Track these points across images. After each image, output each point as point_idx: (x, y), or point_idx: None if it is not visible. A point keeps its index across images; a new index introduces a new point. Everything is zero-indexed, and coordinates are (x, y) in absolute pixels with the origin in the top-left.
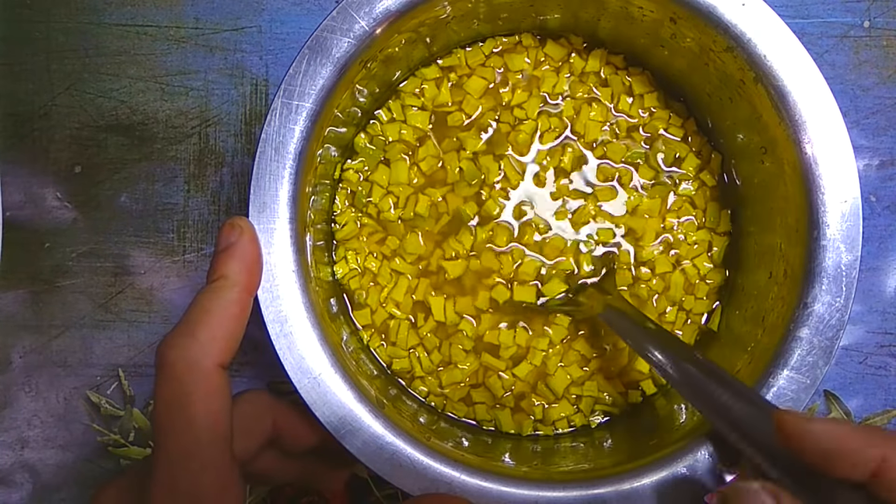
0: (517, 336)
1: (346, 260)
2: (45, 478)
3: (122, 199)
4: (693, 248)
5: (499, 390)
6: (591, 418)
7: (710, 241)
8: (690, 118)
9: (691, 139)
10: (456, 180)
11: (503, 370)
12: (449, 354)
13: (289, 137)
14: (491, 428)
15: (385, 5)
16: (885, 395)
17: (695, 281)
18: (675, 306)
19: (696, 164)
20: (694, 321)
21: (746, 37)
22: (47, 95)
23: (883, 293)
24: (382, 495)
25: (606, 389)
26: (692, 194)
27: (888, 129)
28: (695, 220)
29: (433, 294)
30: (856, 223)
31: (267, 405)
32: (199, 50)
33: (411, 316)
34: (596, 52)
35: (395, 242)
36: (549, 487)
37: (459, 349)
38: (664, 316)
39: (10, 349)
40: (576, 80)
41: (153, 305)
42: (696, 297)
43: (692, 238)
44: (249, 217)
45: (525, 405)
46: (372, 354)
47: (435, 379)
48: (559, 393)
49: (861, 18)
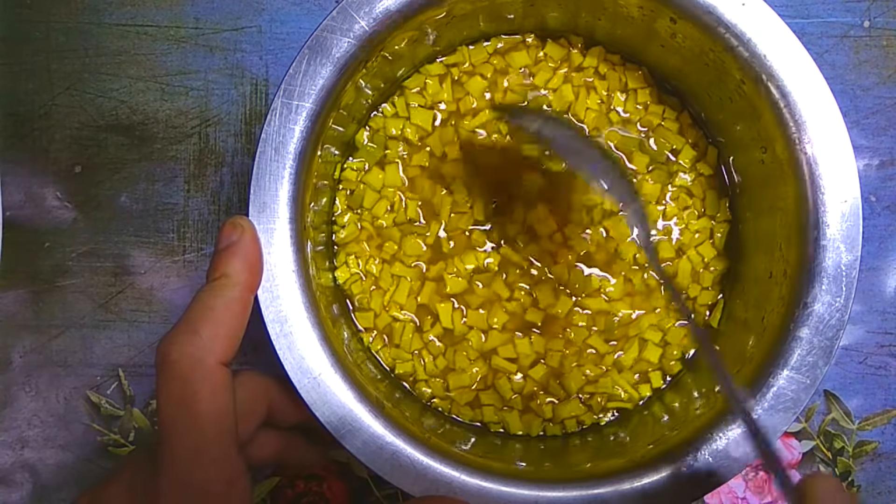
0: (534, 343)
1: (346, 265)
2: (45, 478)
3: (122, 199)
4: (695, 236)
5: (508, 392)
6: (600, 416)
7: (712, 229)
8: (685, 112)
9: (686, 132)
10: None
11: (514, 372)
12: (454, 360)
13: (289, 137)
14: (500, 430)
15: (385, 5)
16: (885, 395)
17: (700, 269)
18: (682, 294)
19: (692, 155)
20: (699, 312)
21: (746, 37)
22: (47, 95)
23: (883, 293)
24: (382, 495)
25: (619, 384)
26: (689, 185)
27: (888, 129)
28: (694, 209)
29: (440, 300)
30: (856, 223)
31: (262, 387)
32: (199, 50)
33: (416, 319)
34: (594, 50)
35: (393, 247)
36: (549, 487)
37: (464, 356)
38: (671, 305)
39: (10, 349)
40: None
41: (153, 305)
42: (702, 286)
43: (694, 227)
44: (249, 217)
45: (534, 405)
46: (375, 358)
47: (440, 382)
48: (572, 392)
49: (861, 18)
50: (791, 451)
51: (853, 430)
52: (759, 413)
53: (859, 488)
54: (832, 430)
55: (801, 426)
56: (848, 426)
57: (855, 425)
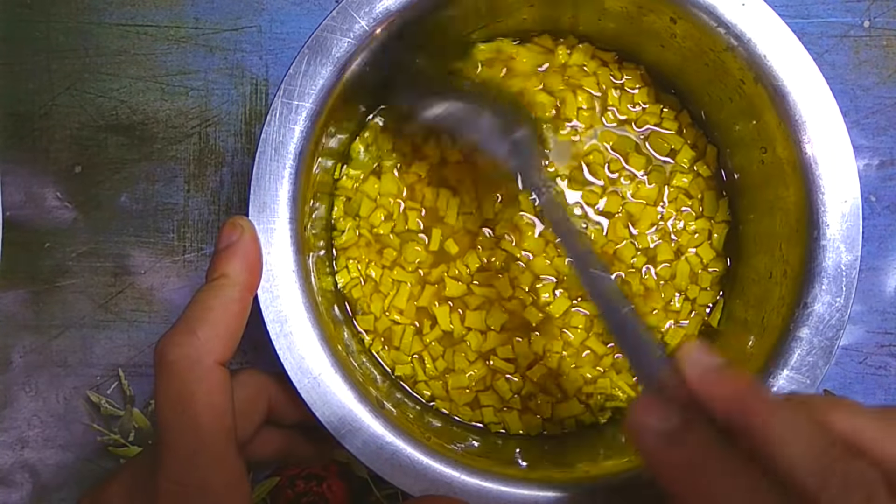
0: (533, 344)
1: (347, 269)
2: (45, 478)
3: (122, 199)
4: (694, 237)
5: (507, 392)
6: (599, 416)
7: (710, 230)
8: (684, 111)
9: (685, 132)
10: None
11: (513, 373)
12: (453, 361)
13: (289, 137)
14: (500, 430)
15: (385, 5)
16: (885, 395)
17: (698, 270)
18: (681, 295)
19: (690, 155)
20: (699, 312)
21: (746, 37)
22: (47, 95)
23: (883, 293)
24: (382, 495)
25: (618, 385)
26: (686, 186)
27: (888, 129)
28: (692, 210)
29: (437, 305)
30: (856, 223)
31: (262, 386)
32: (199, 50)
33: (416, 322)
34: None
35: (392, 254)
36: (549, 487)
37: (463, 357)
38: (670, 305)
39: (10, 349)
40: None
41: (153, 305)
42: (701, 286)
43: (692, 228)
44: (249, 217)
45: (533, 405)
46: (375, 359)
47: (440, 383)
48: (570, 393)
49: (861, 18)
50: None
51: None
52: None
53: None
54: None
55: None
56: None
57: None
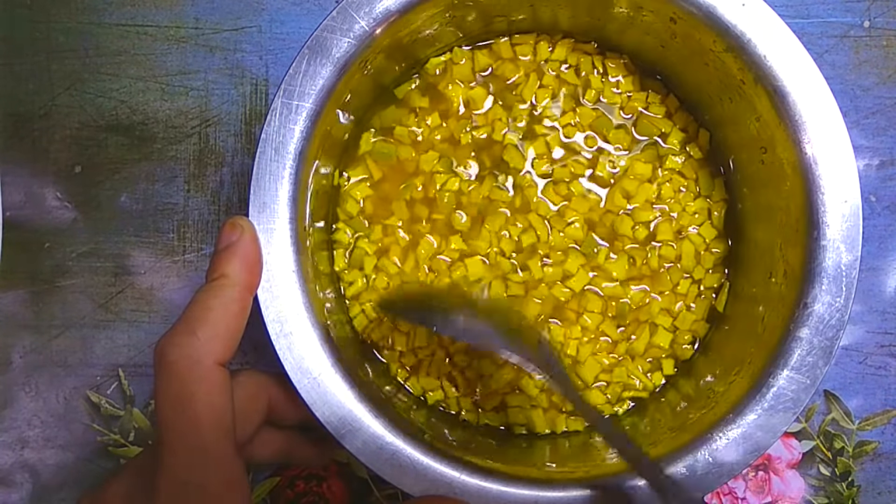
0: (552, 333)
1: (363, 313)
2: (45, 478)
3: (122, 199)
4: (694, 217)
5: (533, 390)
6: (617, 407)
7: (709, 209)
8: (670, 95)
9: (674, 116)
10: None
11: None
12: (480, 367)
13: (289, 137)
14: (523, 432)
15: (385, 5)
16: (885, 395)
17: (702, 250)
18: (688, 278)
19: (681, 137)
20: (706, 296)
21: (746, 37)
22: (47, 95)
23: (883, 293)
24: (382, 495)
25: (634, 373)
26: (680, 167)
27: (888, 129)
28: (689, 190)
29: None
30: (856, 223)
31: (262, 386)
32: (199, 50)
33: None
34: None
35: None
36: (549, 487)
37: (489, 362)
38: (677, 288)
39: (10, 349)
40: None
41: (153, 305)
42: (705, 267)
43: (691, 208)
44: (249, 217)
45: (556, 399)
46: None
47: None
48: (590, 382)
49: (861, 18)
50: (791, 451)
51: (853, 431)
52: (759, 413)
53: (859, 488)
54: (832, 431)
55: (801, 426)
56: (848, 426)
57: (855, 425)
